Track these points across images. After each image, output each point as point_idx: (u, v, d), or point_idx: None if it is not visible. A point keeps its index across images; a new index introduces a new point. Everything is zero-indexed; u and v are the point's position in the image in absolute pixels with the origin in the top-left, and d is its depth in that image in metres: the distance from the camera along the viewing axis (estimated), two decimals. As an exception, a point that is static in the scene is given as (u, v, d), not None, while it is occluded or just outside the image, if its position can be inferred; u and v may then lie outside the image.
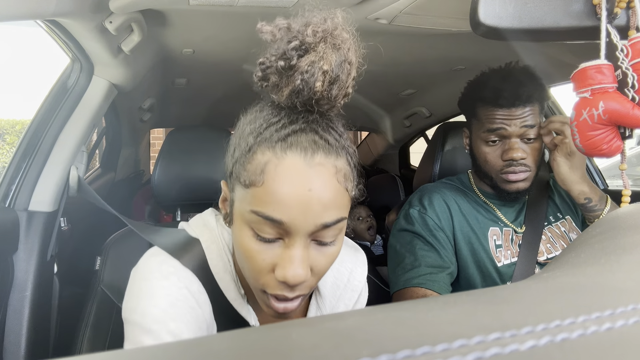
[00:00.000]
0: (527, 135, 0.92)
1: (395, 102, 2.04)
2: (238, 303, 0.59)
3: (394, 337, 0.14)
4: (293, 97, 0.48)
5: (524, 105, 0.91)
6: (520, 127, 0.91)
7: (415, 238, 0.97)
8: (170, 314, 0.52)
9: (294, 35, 0.47)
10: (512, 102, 0.91)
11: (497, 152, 0.95)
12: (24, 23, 1.48)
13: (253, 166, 0.49)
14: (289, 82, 0.47)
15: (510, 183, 0.94)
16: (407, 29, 1.03)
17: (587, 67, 0.55)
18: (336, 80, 0.48)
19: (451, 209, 1.00)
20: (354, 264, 0.70)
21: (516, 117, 0.91)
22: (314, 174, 0.47)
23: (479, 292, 0.20)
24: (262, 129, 0.50)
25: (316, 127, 0.50)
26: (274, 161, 0.47)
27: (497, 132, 0.93)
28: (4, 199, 0.99)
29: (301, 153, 0.47)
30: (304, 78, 0.46)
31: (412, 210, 1.00)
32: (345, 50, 0.49)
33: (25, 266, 0.96)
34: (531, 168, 0.94)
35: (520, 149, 0.92)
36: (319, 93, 0.47)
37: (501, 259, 0.96)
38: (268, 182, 0.47)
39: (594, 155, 0.59)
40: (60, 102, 1.09)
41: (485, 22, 0.52)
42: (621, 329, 0.15)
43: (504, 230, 0.99)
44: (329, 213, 0.48)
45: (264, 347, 0.14)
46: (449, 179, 1.11)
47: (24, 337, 0.93)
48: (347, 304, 0.68)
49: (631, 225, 0.28)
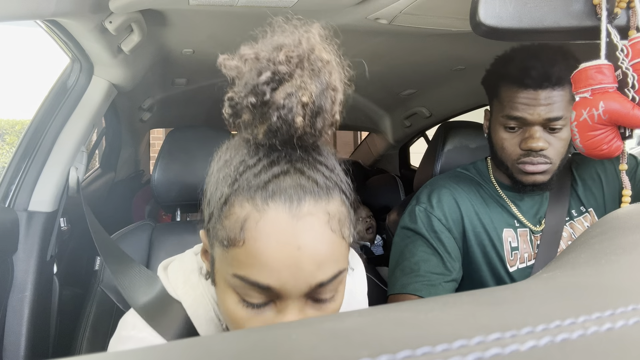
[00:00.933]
0: (552, 125, 0.81)
1: (395, 102, 2.04)
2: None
3: (394, 337, 0.14)
4: (270, 136, 0.41)
5: (552, 88, 0.79)
6: (545, 115, 0.80)
7: (418, 239, 0.90)
8: None
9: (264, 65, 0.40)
10: (539, 82, 0.79)
11: (515, 139, 0.85)
12: (24, 23, 1.48)
13: (231, 222, 0.41)
14: (264, 120, 0.40)
15: (527, 175, 0.85)
16: (407, 29, 1.03)
17: (587, 67, 0.55)
18: (319, 111, 0.40)
19: (461, 208, 0.91)
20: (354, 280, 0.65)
21: (541, 102, 0.80)
22: (303, 228, 0.40)
23: (479, 292, 0.20)
24: (237, 174, 0.42)
25: (301, 166, 0.42)
26: (254, 216, 0.40)
27: (518, 119, 0.83)
28: (4, 199, 0.99)
29: (286, 203, 0.40)
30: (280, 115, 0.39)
31: (418, 208, 0.92)
32: (327, 75, 0.41)
33: (25, 266, 0.96)
34: (553, 161, 0.83)
35: (541, 138, 0.81)
36: (300, 129, 0.40)
37: (515, 263, 0.89)
38: (249, 241, 0.40)
39: (594, 156, 0.59)
40: (60, 102, 1.09)
41: (485, 22, 0.52)
42: (621, 329, 0.15)
43: (519, 231, 0.91)
44: (325, 270, 0.41)
45: (264, 347, 0.14)
46: (464, 168, 1.01)
47: (24, 337, 0.93)
48: None
49: (631, 225, 0.28)
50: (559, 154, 0.84)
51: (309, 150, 0.44)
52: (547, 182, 0.87)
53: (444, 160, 1.28)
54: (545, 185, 0.87)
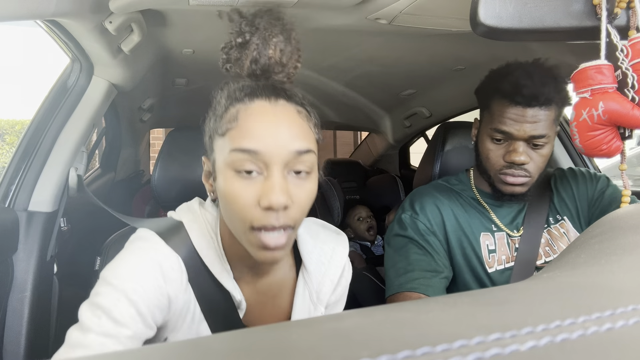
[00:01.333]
0: (535, 142, 0.87)
1: (395, 102, 2.04)
2: (223, 277, 0.63)
3: (394, 337, 0.14)
4: (252, 65, 0.59)
5: (540, 107, 0.85)
6: (530, 131, 0.86)
7: (409, 242, 0.95)
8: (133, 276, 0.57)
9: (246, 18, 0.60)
10: (528, 101, 0.85)
11: (500, 151, 0.91)
12: (24, 23, 1.48)
13: (228, 116, 0.57)
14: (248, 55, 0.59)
15: (507, 185, 0.91)
16: (407, 29, 1.03)
17: (587, 68, 0.56)
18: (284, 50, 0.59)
19: (443, 214, 0.98)
20: (335, 243, 0.74)
21: (528, 120, 0.86)
22: (280, 110, 0.56)
23: (479, 292, 0.20)
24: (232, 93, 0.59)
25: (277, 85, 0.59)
26: (244, 108, 0.56)
27: (505, 133, 0.89)
28: (4, 199, 0.99)
29: (266, 99, 0.56)
30: (258, 48, 0.58)
31: (404, 215, 0.99)
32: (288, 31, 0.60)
33: (25, 266, 0.96)
34: (532, 174, 0.90)
35: (524, 153, 0.88)
36: (273, 59, 0.59)
37: (494, 265, 0.94)
38: (241, 122, 0.55)
39: (594, 156, 0.59)
40: (60, 102, 1.09)
41: (485, 22, 0.52)
42: (621, 330, 0.15)
43: (497, 235, 0.97)
44: (299, 142, 0.55)
45: (264, 347, 0.14)
46: (444, 180, 1.08)
47: (24, 337, 0.93)
48: (332, 279, 0.72)
49: (631, 225, 0.28)
50: (538, 168, 0.91)
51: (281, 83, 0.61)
52: (524, 194, 0.93)
53: (443, 160, 1.28)
54: (522, 196, 0.94)
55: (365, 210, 2.21)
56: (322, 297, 0.71)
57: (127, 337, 0.55)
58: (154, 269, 0.58)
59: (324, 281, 0.71)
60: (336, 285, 0.73)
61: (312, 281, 0.70)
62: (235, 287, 0.63)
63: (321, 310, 0.70)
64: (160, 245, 0.61)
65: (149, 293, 0.57)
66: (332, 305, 0.75)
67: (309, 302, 0.70)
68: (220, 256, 0.64)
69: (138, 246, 0.61)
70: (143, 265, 0.58)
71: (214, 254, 0.63)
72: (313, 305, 0.70)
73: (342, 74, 1.59)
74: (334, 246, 0.74)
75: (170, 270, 0.60)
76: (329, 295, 0.71)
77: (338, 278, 0.73)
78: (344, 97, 1.89)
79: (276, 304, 0.70)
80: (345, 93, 1.84)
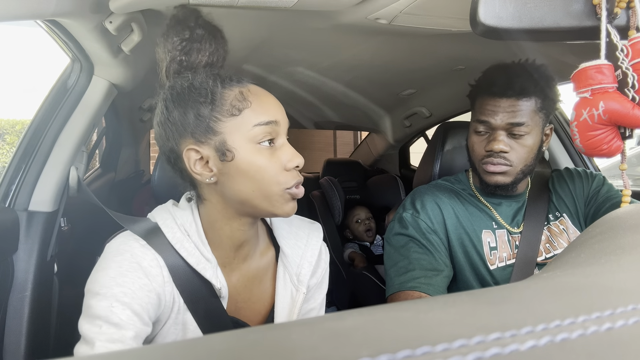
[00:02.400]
0: (514, 131, 0.91)
1: (395, 102, 2.04)
2: (201, 267, 0.67)
3: (394, 337, 0.14)
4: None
5: (516, 98, 0.89)
6: (507, 120, 0.90)
7: (409, 241, 0.96)
8: (118, 281, 0.60)
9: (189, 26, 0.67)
10: (503, 92, 0.90)
11: (483, 142, 0.95)
12: (24, 23, 1.48)
13: (231, 97, 0.63)
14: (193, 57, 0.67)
15: (489, 174, 0.94)
16: (407, 29, 1.03)
17: (587, 67, 0.56)
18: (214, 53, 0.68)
19: (444, 212, 0.99)
20: (309, 229, 0.81)
21: (503, 109, 0.90)
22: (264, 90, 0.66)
23: (479, 292, 0.20)
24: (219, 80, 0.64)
25: None
26: (244, 89, 0.64)
27: (485, 123, 0.93)
28: (4, 199, 0.99)
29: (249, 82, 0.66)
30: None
31: (406, 214, 1.00)
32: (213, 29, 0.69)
33: (25, 266, 0.96)
34: (513, 164, 0.92)
35: (503, 141, 0.91)
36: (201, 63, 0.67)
37: (495, 262, 0.95)
38: (254, 101, 0.63)
39: (594, 155, 0.59)
40: (60, 102, 1.09)
41: (485, 22, 0.52)
42: (621, 329, 0.15)
43: (497, 232, 0.98)
44: None
45: (264, 347, 0.14)
46: (445, 179, 1.10)
47: (24, 337, 0.93)
48: (310, 261, 0.77)
49: (631, 225, 0.28)
50: (520, 159, 0.93)
51: None
52: (509, 185, 0.95)
53: (443, 160, 1.28)
54: (507, 187, 0.96)
55: (365, 212, 2.21)
56: (302, 279, 0.76)
57: (131, 338, 0.58)
58: (135, 270, 0.62)
59: (302, 264, 0.77)
60: (315, 267, 0.79)
61: (291, 264, 0.76)
62: (214, 275, 0.67)
63: (303, 291, 0.75)
64: (136, 245, 0.65)
65: (137, 293, 0.61)
66: (314, 287, 0.80)
67: (290, 284, 0.75)
68: (199, 247, 0.68)
69: (114, 253, 0.64)
70: (124, 269, 0.62)
71: (189, 246, 0.68)
72: (294, 287, 0.75)
73: (342, 74, 1.59)
74: (309, 232, 0.80)
75: (149, 267, 0.63)
76: (308, 277, 0.76)
77: (315, 260, 0.78)
78: (344, 97, 1.89)
79: (261, 289, 0.75)
80: (345, 93, 1.84)
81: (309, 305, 0.81)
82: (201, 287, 0.67)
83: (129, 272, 0.62)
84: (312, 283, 0.79)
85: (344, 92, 1.83)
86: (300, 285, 0.75)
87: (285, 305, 0.74)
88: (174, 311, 0.66)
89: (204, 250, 0.68)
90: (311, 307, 0.82)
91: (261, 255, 0.76)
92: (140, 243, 0.65)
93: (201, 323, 0.67)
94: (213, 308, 0.68)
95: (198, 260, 0.67)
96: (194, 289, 0.67)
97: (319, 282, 0.81)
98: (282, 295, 0.74)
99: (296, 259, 0.76)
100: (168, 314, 0.66)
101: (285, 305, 0.74)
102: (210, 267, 0.68)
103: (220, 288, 0.68)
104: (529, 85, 0.89)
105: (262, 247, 0.77)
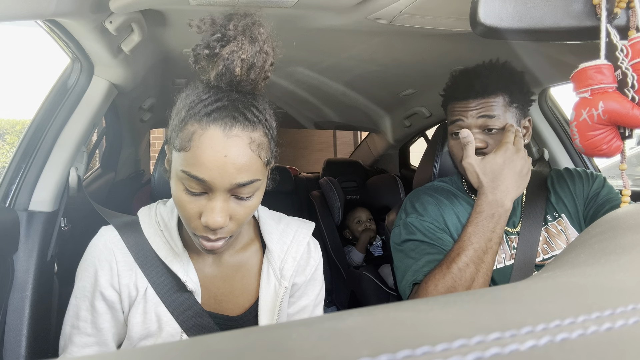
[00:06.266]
0: (488, 126, 0.92)
1: (395, 102, 2.04)
2: (169, 260, 0.71)
3: (394, 337, 0.14)
4: (218, 79, 0.59)
5: (481, 97, 0.92)
6: (478, 117, 0.92)
7: (420, 244, 0.95)
8: (93, 262, 0.71)
9: (217, 28, 0.58)
10: (466, 94, 0.93)
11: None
12: (24, 23, 1.48)
13: (184, 134, 0.60)
14: (214, 67, 0.59)
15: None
16: (407, 29, 1.03)
17: (587, 67, 0.56)
18: (252, 67, 0.58)
19: (444, 213, 0.99)
20: (299, 227, 0.82)
21: (472, 108, 0.93)
22: (231, 144, 0.58)
23: (479, 292, 0.20)
24: (193, 104, 0.60)
25: (238, 104, 0.60)
26: (199, 132, 0.58)
27: (457, 123, 0.95)
28: (4, 199, 0.99)
29: (221, 126, 0.58)
30: (225, 65, 0.57)
31: (410, 219, 0.99)
32: (261, 42, 0.59)
33: (26, 266, 0.96)
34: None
35: (478, 138, 0.93)
36: (238, 77, 0.59)
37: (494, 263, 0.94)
38: (194, 148, 0.58)
39: (594, 155, 0.59)
40: (60, 102, 1.09)
41: (485, 22, 0.52)
42: (621, 329, 0.15)
43: None
44: (243, 175, 0.59)
45: (264, 347, 0.14)
46: (441, 180, 1.10)
47: (24, 337, 0.93)
48: (295, 257, 0.79)
49: (631, 225, 0.28)
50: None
51: (245, 94, 0.62)
52: None
53: (443, 160, 1.28)
54: None
55: (365, 214, 2.21)
56: (285, 274, 0.77)
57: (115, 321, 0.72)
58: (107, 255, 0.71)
59: (286, 259, 0.78)
60: (303, 264, 0.80)
61: (275, 259, 0.77)
62: (181, 268, 0.71)
63: (285, 285, 0.77)
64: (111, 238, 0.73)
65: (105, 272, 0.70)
66: (304, 284, 0.81)
67: (273, 278, 0.77)
68: (169, 241, 0.72)
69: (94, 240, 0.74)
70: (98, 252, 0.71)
71: (160, 241, 0.72)
72: (278, 281, 0.77)
73: (342, 74, 1.59)
74: (297, 229, 0.82)
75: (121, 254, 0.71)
76: (291, 272, 0.77)
77: (300, 255, 0.79)
78: (344, 97, 1.89)
79: (244, 283, 0.77)
80: (345, 93, 1.84)
81: (301, 302, 0.82)
82: (170, 279, 0.72)
83: (102, 256, 0.71)
84: (299, 280, 0.80)
85: (344, 92, 1.83)
86: (283, 279, 0.77)
87: (269, 299, 0.76)
88: (138, 300, 0.71)
89: (174, 244, 0.72)
90: (304, 304, 0.82)
91: (243, 249, 0.78)
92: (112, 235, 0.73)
93: (175, 315, 0.71)
94: (185, 301, 0.72)
95: (167, 254, 0.71)
96: (164, 281, 0.72)
97: (309, 279, 0.81)
98: (265, 289, 0.76)
99: (280, 254, 0.78)
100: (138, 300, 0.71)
101: (269, 298, 0.76)
102: (178, 260, 0.71)
103: (186, 281, 0.70)
104: (491, 83, 0.92)
105: (245, 241, 0.79)
